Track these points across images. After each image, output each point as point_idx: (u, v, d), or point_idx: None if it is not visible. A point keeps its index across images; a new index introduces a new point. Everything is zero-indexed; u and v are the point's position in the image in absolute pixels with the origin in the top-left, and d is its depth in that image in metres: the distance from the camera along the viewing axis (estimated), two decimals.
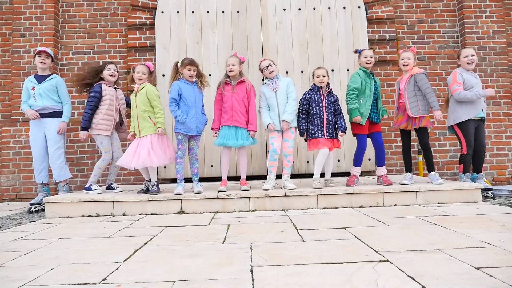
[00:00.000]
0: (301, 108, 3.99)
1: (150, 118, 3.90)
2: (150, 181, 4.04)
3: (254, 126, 3.96)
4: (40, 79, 4.39)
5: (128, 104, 4.52)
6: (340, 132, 4.04)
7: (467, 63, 4.24)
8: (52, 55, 4.51)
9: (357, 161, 4.14)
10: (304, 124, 3.97)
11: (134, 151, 3.84)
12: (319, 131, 3.90)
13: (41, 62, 4.38)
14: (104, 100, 4.26)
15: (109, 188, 4.45)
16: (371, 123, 4.11)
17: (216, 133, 3.98)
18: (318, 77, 3.97)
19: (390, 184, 3.92)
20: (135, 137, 3.96)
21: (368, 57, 4.09)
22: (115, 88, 4.43)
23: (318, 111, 3.93)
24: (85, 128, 4.24)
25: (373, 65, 5.61)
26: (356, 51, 4.30)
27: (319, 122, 3.92)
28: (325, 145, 3.88)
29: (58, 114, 4.41)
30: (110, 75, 4.33)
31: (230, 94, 3.92)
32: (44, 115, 4.35)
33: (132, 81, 4.05)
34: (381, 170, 4.10)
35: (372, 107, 4.09)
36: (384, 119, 4.66)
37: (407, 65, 4.12)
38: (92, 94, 4.25)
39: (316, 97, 3.96)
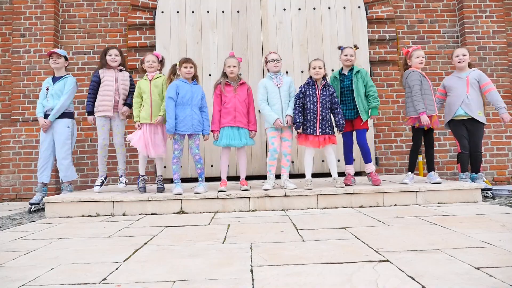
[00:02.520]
0: (297, 102, 3.86)
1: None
2: (143, 176, 4.16)
3: (256, 126, 4.04)
4: (55, 80, 4.46)
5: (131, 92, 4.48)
6: (337, 130, 3.94)
7: (458, 62, 4.29)
8: (64, 55, 4.52)
9: (346, 158, 4.14)
10: (300, 117, 3.83)
11: (150, 138, 3.94)
12: (311, 127, 3.81)
13: (55, 63, 4.43)
14: (102, 83, 4.31)
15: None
16: (353, 120, 4.05)
17: (217, 135, 3.92)
18: (314, 69, 3.85)
19: (379, 183, 3.89)
20: (141, 127, 4.01)
21: (348, 55, 4.03)
22: (120, 70, 4.43)
23: (311, 106, 3.82)
24: (89, 113, 4.31)
25: (374, 65, 5.69)
26: (339, 48, 4.20)
27: (312, 117, 3.81)
28: (313, 144, 3.81)
29: (66, 115, 4.45)
30: (111, 60, 4.36)
31: (232, 95, 3.92)
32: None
33: (143, 72, 4.15)
34: (369, 167, 4.06)
35: (349, 104, 4.03)
36: (379, 118, 4.50)
37: (422, 63, 4.14)
38: (92, 80, 4.37)
39: (310, 92, 3.85)
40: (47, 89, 4.40)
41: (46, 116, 4.37)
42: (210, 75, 5.48)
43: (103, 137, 4.31)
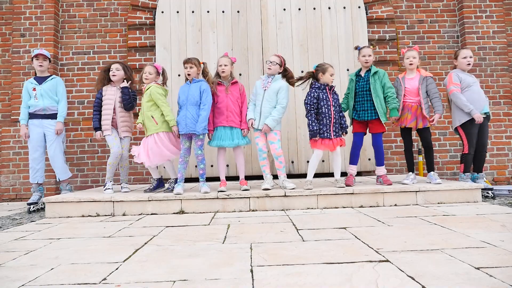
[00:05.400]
0: (312, 108, 3.81)
1: (153, 117, 3.97)
2: (157, 180, 4.24)
3: (247, 124, 3.99)
4: (40, 80, 4.45)
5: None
6: (343, 133, 3.95)
7: (466, 64, 4.25)
8: (49, 56, 4.53)
9: (352, 158, 4.14)
10: (316, 124, 3.78)
11: (146, 150, 3.96)
12: (327, 131, 3.79)
13: (39, 65, 4.42)
14: (103, 101, 4.25)
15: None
16: (369, 121, 4.06)
17: (211, 135, 3.93)
18: (331, 75, 3.87)
19: (390, 184, 3.91)
20: (142, 128, 4.08)
21: (366, 56, 4.05)
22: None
23: (326, 110, 3.81)
24: (96, 128, 4.24)
25: (374, 65, 5.67)
26: (356, 48, 4.28)
27: (327, 121, 3.80)
28: (328, 147, 3.81)
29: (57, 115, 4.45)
30: (112, 75, 4.28)
31: (224, 94, 3.92)
32: (44, 116, 4.39)
33: (141, 81, 4.13)
34: (381, 170, 4.09)
35: (364, 105, 4.03)
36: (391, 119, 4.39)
37: (412, 64, 4.11)
38: (96, 97, 4.31)
39: (324, 96, 3.84)
40: (34, 89, 4.37)
41: (33, 116, 4.37)
42: None
43: (117, 146, 4.19)
